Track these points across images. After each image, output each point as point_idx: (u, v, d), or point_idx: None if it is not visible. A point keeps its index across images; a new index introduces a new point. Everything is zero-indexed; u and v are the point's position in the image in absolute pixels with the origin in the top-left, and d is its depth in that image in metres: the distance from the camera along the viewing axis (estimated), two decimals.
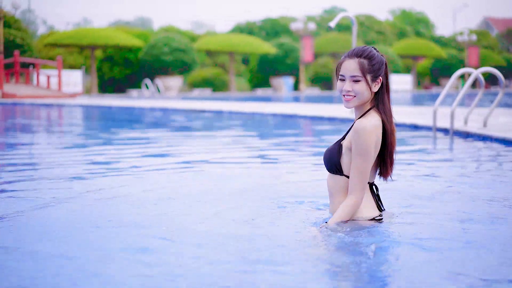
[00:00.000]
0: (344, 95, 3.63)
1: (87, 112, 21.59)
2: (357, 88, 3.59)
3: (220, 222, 3.99)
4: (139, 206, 4.53)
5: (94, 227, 3.88)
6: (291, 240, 3.51)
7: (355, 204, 3.63)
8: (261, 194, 5.04)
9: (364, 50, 3.61)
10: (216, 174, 6.32)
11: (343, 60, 3.65)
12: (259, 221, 4.00)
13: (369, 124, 3.57)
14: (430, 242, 3.47)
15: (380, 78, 3.65)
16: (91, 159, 7.65)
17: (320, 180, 5.94)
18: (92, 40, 41.77)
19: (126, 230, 3.81)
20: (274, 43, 50.78)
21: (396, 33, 67.44)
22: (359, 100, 3.62)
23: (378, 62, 3.62)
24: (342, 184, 3.72)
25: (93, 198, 4.86)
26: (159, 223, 3.97)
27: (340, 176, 3.71)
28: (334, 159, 3.70)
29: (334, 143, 3.77)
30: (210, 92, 46.21)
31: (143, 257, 3.24)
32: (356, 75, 3.58)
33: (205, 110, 19.75)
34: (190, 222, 4.00)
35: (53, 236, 3.67)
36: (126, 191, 5.16)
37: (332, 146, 3.76)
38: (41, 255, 3.27)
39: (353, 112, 14.76)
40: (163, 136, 11.56)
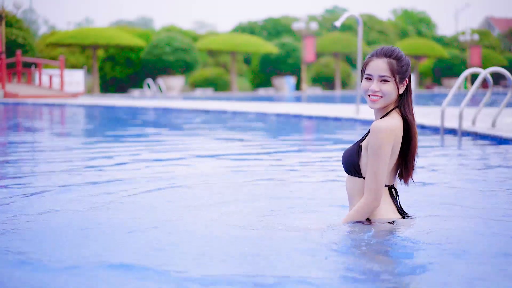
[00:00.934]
0: (370, 95, 3.53)
1: (92, 112, 21.52)
2: (385, 88, 3.50)
3: (229, 225, 3.91)
4: (145, 209, 4.44)
5: (100, 233, 3.80)
6: (302, 241, 3.45)
7: (368, 205, 3.55)
8: (270, 195, 4.97)
9: (393, 50, 3.53)
10: (224, 175, 6.24)
11: (370, 59, 3.56)
12: (269, 222, 3.93)
13: (386, 124, 3.47)
14: (449, 246, 3.39)
15: (407, 79, 3.57)
16: (99, 160, 7.58)
17: (330, 181, 5.87)
18: (94, 39, 41.73)
19: (134, 236, 3.73)
20: (276, 43, 50.72)
21: (398, 33, 67.38)
22: (386, 101, 3.53)
23: (406, 64, 3.55)
24: (360, 186, 3.62)
25: (101, 201, 4.78)
26: (167, 228, 3.89)
27: (359, 178, 3.62)
28: (353, 161, 3.61)
29: (353, 144, 3.68)
30: (212, 92, 46.15)
31: (150, 264, 3.17)
32: (385, 75, 3.49)
33: (209, 110, 19.67)
34: (200, 225, 3.92)
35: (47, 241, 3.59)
36: (133, 194, 5.09)
37: (351, 147, 3.66)
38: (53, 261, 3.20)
39: (358, 113, 14.81)
40: (170, 136, 11.48)
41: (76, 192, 5.15)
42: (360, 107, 15.83)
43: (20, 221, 4.04)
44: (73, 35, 42.76)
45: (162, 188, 5.36)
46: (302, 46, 49.59)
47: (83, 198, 4.85)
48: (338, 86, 52.94)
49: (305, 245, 3.40)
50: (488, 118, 11.84)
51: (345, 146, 9.23)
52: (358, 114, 14.78)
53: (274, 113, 17.25)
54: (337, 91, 51.55)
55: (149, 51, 44.10)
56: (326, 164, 7.35)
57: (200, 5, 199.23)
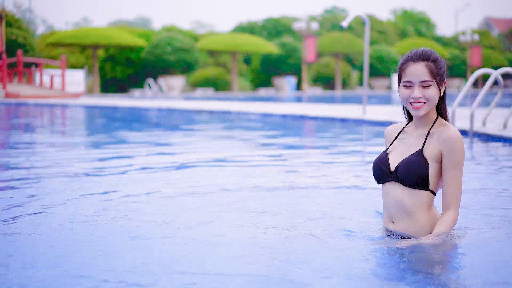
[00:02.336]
0: (412, 102, 3.32)
1: (96, 112, 21.44)
2: (428, 93, 3.29)
3: (255, 231, 3.83)
4: (157, 214, 4.37)
5: (111, 234, 3.74)
6: (350, 257, 3.37)
7: (456, 220, 3.35)
8: (292, 203, 4.90)
9: (429, 53, 3.32)
10: (240, 180, 6.17)
11: (406, 65, 3.33)
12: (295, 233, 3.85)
13: (459, 132, 3.34)
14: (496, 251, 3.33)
15: (445, 81, 3.40)
16: (106, 161, 7.51)
17: (352, 187, 5.80)
18: (95, 39, 41.67)
19: (144, 244, 3.66)
20: (277, 42, 50.67)
21: (398, 33, 67.38)
22: (430, 106, 3.33)
23: (443, 65, 3.37)
24: (425, 199, 3.36)
25: (109, 203, 4.72)
26: (184, 235, 3.81)
27: (424, 191, 3.35)
28: (422, 173, 3.31)
29: (411, 154, 3.37)
30: (213, 92, 46.08)
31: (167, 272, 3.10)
32: (427, 79, 3.28)
33: (213, 110, 19.60)
34: (215, 232, 3.85)
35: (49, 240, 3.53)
36: (143, 198, 5.02)
37: (413, 159, 3.34)
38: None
39: (365, 113, 14.73)
40: (177, 137, 11.42)
41: (83, 195, 5.09)
42: (367, 108, 15.75)
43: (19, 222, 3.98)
44: (73, 35, 42.68)
45: (176, 191, 5.29)
46: (302, 46, 49.55)
47: (90, 201, 4.79)
48: (338, 86, 52.88)
49: (331, 253, 3.34)
50: (499, 119, 11.77)
51: (361, 149, 9.24)
52: (365, 115, 14.71)
53: (280, 114, 17.17)
54: (337, 91, 51.50)
55: (150, 51, 44.02)
56: (342, 167, 7.28)
57: (199, 5, 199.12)
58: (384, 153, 3.53)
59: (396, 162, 3.42)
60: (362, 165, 7.71)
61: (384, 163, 3.46)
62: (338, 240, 3.58)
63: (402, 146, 3.49)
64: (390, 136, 3.61)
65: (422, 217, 3.38)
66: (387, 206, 3.50)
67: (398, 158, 3.43)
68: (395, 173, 3.40)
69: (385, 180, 3.47)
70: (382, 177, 3.47)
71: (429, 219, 3.39)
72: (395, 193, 3.41)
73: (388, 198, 3.47)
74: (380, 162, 3.49)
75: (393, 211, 3.45)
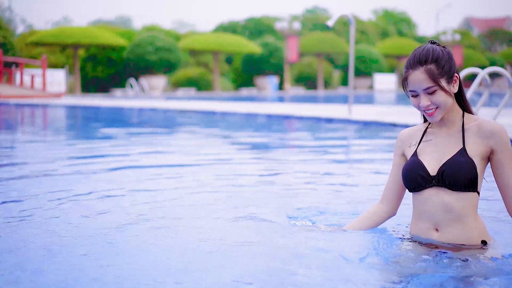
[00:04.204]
0: (424, 110, 3.09)
1: (77, 112, 21.24)
2: (435, 99, 3.05)
3: (246, 234, 3.73)
4: (138, 213, 4.27)
5: (101, 239, 3.63)
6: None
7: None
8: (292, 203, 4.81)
9: (426, 54, 3.05)
10: (229, 181, 6.07)
11: (408, 74, 3.09)
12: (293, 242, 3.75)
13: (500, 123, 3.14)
14: None
15: (456, 75, 3.10)
16: (86, 160, 7.38)
17: (342, 185, 5.73)
18: (76, 39, 41.33)
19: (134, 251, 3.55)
20: (259, 42, 50.61)
21: (379, 33, 67.58)
22: (444, 109, 3.08)
23: (447, 60, 3.07)
24: (475, 202, 3.12)
25: (99, 205, 4.61)
26: (178, 239, 3.72)
27: (473, 193, 3.11)
28: (471, 173, 3.07)
29: (454, 154, 3.11)
30: (195, 92, 45.92)
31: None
32: (429, 86, 3.03)
33: (198, 110, 19.48)
34: (201, 232, 3.75)
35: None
36: (124, 197, 4.92)
37: (459, 158, 3.09)
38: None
39: (351, 113, 14.71)
40: (159, 137, 11.30)
41: (72, 196, 4.97)
42: (353, 107, 15.72)
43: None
44: (54, 34, 42.28)
45: (166, 193, 5.19)
46: (284, 45, 49.54)
47: (83, 201, 4.68)
48: (320, 86, 52.92)
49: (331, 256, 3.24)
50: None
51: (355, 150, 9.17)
52: (351, 115, 14.67)
53: (265, 114, 17.09)
54: (319, 91, 51.53)
55: (131, 50, 43.77)
56: (330, 166, 7.21)
57: (180, 4, 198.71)
58: (416, 158, 3.23)
59: (435, 166, 3.16)
60: (350, 164, 7.66)
61: (421, 168, 3.17)
62: (336, 241, 3.49)
63: (434, 147, 3.22)
64: (409, 140, 3.35)
65: (472, 221, 3.14)
66: (428, 214, 3.19)
67: (435, 162, 3.17)
68: (439, 177, 3.13)
69: (424, 187, 3.18)
70: (422, 183, 3.18)
71: (478, 222, 3.17)
72: (440, 199, 3.13)
73: (429, 206, 3.17)
74: (415, 168, 3.20)
75: (438, 218, 3.15)
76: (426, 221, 3.20)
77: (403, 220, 3.78)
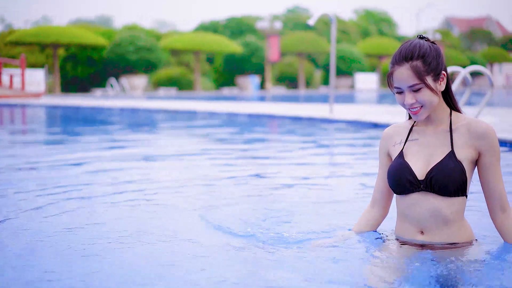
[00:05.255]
0: (409, 108, 2.94)
1: (56, 112, 21.03)
2: (420, 97, 2.89)
3: (230, 234, 3.64)
4: (137, 221, 4.16)
5: (88, 243, 3.52)
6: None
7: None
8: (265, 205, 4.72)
9: (413, 50, 2.89)
10: (209, 181, 5.98)
11: (393, 69, 2.92)
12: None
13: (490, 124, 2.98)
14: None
15: (443, 73, 2.94)
16: (86, 167, 7.25)
17: (317, 185, 5.66)
18: (56, 38, 41.01)
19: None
20: (240, 42, 50.53)
21: (360, 32, 67.76)
22: (429, 108, 2.93)
23: (434, 57, 2.90)
24: (463, 206, 3.01)
25: (93, 207, 4.49)
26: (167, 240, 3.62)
27: (462, 197, 2.98)
28: (460, 179, 2.93)
29: (443, 158, 2.96)
30: (176, 92, 45.73)
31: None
32: (414, 83, 2.87)
33: (179, 110, 19.36)
34: (185, 233, 3.65)
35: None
36: (119, 202, 4.81)
37: (448, 163, 2.94)
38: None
39: (332, 112, 14.65)
40: (140, 137, 11.18)
41: (57, 201, 4.85)
42: (334, 107, 15.68)
43: None
44: (33, 34, 41.93)
45: (151, 196, 5.08)
46: (265, 45, 49.50)
47: (71, 203, 4.56)
48: (302, 86, 52.93)
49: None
50: None
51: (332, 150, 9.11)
52: (332, 114, 14.63)
53: (246, 113, 17.00)
54: (301, 90, 51.53)
55: (112, 50, 43.52)
56: (311, 166, 7.14)
57: (160, 4, 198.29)
58: (402, 160, 3.06)
59: (422, 169, 3.00)
60: (329, 163, 7.60)
61: (409, 172, 3.01)
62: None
63: (420, 148, 3.07)
64: (393, 139, 3.17)
65: (459, 225, 3.03)
66: (414, 218, 3.05)
67: (423, 164, 3.01)
68: (428, 183, 2.97)
69: (411, 191, 3.02)
70: (409, 188, 3.02)
71: (465, 225, 3.06)
72: (428, 204, 3.00)
73: (416, 210, 3.04)
74: (402, 172, 3.03)
75: (425, 223, 3.02)
76: (412, 224, 3.07)
77: (388, 221, 3.70)
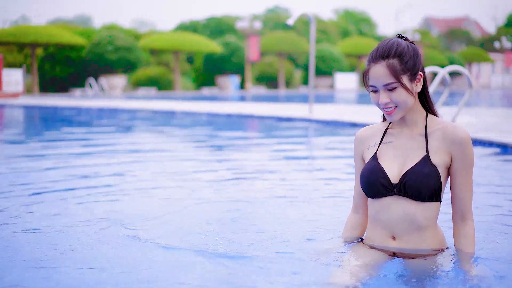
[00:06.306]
0: (383, 108, 2.85)
1: (35, 112, 20.86)
2: (395, 97, 2.81)
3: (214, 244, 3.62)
4: (94, 213, 4.12)
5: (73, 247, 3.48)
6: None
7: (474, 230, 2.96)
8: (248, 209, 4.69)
9: (390, 48, 2.80)
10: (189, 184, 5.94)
11: (369, 67, 2.84)
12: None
13: (467, 130, 2.89)
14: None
15: (420, 73, 2.87)
16: (76, 171, 7.18)
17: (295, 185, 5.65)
18: (34, 38, 40.66)
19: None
20: (220, 41, 50.43)
21: (340, 32, 67.91)
22: (404, 109, 2.85)
23: (412, 56, 2.82)
24: (437, 212, 2.92)
25: (78, 216, 4.44)
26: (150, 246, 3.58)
27: (436, 202, 2.89)
28: (435, 184, 2.84)
29: (417, 162, 2.87)
30: (155, 91, 45.53)
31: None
32: (389, 82, 2.79)
33: (157, 110, 19.28)
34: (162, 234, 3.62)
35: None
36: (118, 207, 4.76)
37: (423, 168, 2.85)
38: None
39: (312, 112, 14.65)
40: (118, 138, 11.11)
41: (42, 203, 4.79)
42: (313, 107, 15.70)
43: None
44: (11, 33, 41.55)
45: (139, 200, 5.04)
46: (245, 45, 49.45)
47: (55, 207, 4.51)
48: (282, 85, 52.93)
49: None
50: (446, 117, 11.77)
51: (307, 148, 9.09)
52: (312, 114, 14.64)
53: (225, 113, 16.96)
54: (281, 90, 51.53)
55: (91, 49, 43.26)
56: (289, 166, 7.12)
57: (140, 3, 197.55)
58: (376, 162, 2.96)
59: (396, 172, 2.91)
60: (309, 164, 7.59)
61: (382, 175, 2.91)
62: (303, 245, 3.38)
63: (394, 151, 2.97)
64: (368, 141, 3.08)
65: (432, 231, 2.94)
66: (386, 223, 2.95)
67: (397, 167, 2.92)
68: (401, 187, 2.89)
69: (384, 195, 2.93)
70: (382, 191, 2.92)
71: (438, 231, 2.98)
72: (401, 208, 2.91)
73: (388, 214, 2.94)
74: (376, 174, 2.93)
75: (397, 228, 2.93)
76: (384, 229, 2.97)
77: None
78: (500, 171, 6.71)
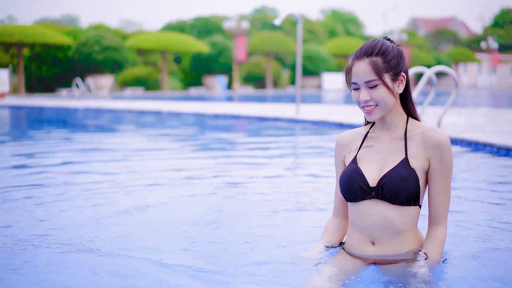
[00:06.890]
0: (363, 106, 2.84)
1: (21, 113, 20.74)
2: (376, 95, 2.80)
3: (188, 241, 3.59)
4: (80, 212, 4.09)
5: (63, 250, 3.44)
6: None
7: (445, 236, 2.92)
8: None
9: (374, 46, 2.81)
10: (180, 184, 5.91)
11: (352, 64, 2.83)
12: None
13: (447, 136, 2.87)
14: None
15: (403, 74, 2.86)
16: (67, 176, 7.13)
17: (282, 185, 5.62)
18: (20, 37, 40.46)
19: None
20: (207, 41, 50.38)
21: (327, 32, 68.00)
22: (383, 108, 2.83)
23: (395, 56, 2.82)
24: (416, 216, 2.89)
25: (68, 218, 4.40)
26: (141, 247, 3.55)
27: (414, 206, 2.86)
28: (413, 188, 2.81)
29: (395, 165, 2.84)
30: (142, 92, 45.42)
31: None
32: (371, 79, 2.78)
33: (143, 110, 19.21)
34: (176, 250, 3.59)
35: None
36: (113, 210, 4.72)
37: (401, 171, 2.82)
38: None
39: (298, 113, 14.64)
40: (106, 138, 11.05)
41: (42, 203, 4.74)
42: (300, 107, 15.69)
43: None
44: None
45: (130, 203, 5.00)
46: (233, 45, 49.41)
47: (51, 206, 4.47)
48: (269, 86, 52.94)
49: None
50: (432, 118, 11.79)
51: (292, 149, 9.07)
52: (298, 114, 14.62)
53: (212, 114, 16.92)
54: (268, 90, 51.54)
55: (77, 49, 43.09)
56: (276, 167, 7.10)
57: (127, 3, 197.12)
58: (355, 166, 2.93)
59: (374, 176, 2.89)
60: (294, 164, 7.58)
61: (361, 178, 2.89)
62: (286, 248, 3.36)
63: (374, 154, 2.95)
64: (349, 145, 3.06)
65: (411, 235, 2.91)
66: (364, 227, 2.92)
67: (376, 171, 2.90)
68: (379, 190, 2.86)
69: (362, 198, 2.90)
70: (360, 195, 2.89)
71: (417, 236, 2.95)
72: (379, 212, 2.88)
73: (367, 218, 2.90)
74: (355, 178, 2.91)
75: (375, 232, 2.89)
76: (362, 233, 2.93)
77: None
78: (485, 171, 6.71)
